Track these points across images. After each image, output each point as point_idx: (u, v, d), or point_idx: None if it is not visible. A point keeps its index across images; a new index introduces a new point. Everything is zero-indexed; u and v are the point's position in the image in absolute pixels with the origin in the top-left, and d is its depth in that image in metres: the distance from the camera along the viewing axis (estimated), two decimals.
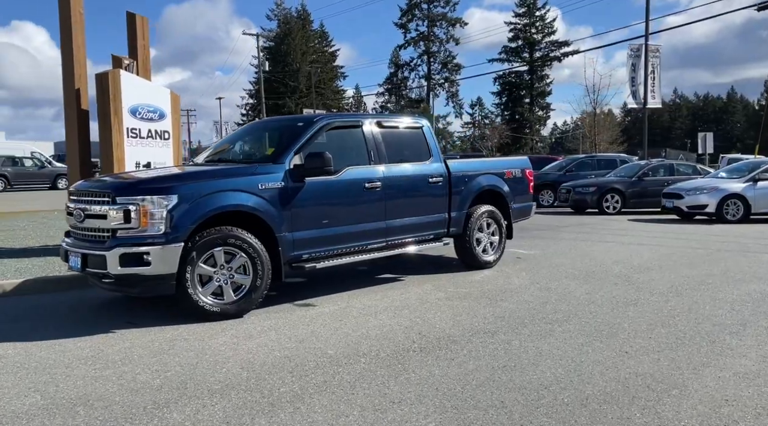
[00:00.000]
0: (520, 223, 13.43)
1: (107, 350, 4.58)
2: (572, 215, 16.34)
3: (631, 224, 13.69)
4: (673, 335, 4.86)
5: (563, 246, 10.04)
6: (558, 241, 10.63)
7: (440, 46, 63.63)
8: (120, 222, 5.14)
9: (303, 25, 66.96)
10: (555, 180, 18.66)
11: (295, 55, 63.04)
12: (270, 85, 62.69)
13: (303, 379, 3.92)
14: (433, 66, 64.08)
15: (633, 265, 8.06)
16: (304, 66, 62.87)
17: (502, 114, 68.53)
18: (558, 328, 5.08)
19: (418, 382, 3.87)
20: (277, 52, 64.91)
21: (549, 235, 11.66)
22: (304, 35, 66.00)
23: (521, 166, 8.47)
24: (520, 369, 4.10)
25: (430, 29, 63.04)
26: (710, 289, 6.59)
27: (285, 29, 65.58)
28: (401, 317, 5.49)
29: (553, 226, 13.45)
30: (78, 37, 8.68)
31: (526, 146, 63.35)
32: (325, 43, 71.51)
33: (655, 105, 27.72)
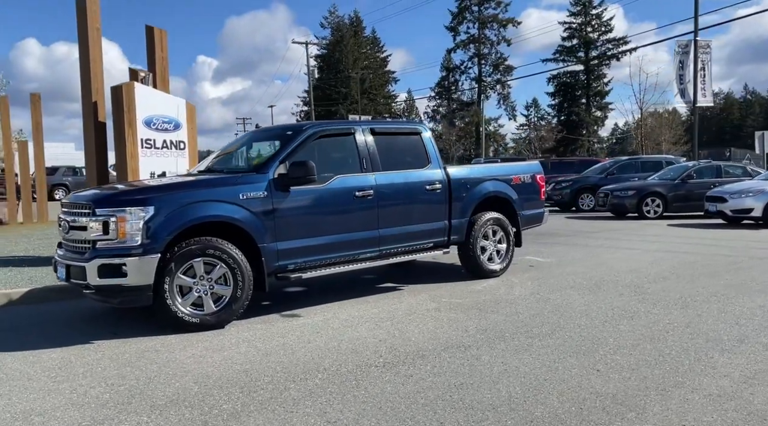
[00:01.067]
0: (545, 229, 13.14)
1: (76, 362, 4.64)
2: (610, 220, 15.78)
3: (668, 230, 13.11)
4: (657, 352, 4.58)
5: (584, 253, 9.68)
6: (580, 248, 10.27)
7: (491, 48, 63.03)
8: (99, 233, 5.22)
9: (355, 32, 67.52)
10: (595, 183, 18.09)
11: (346, 62, 63.57)
12: (323, 92, 63.51)
13: (250, 396, 3.86)
14: (484, 68, 63.53)
15: (649, 274, 7.68)
16: (356, 72, 63.36)
17: (558, 115, 67.17)
18: (537, 343, 4.86)
19: (364, 400, 3.75)
20: (329, 59, 65.68)
21: (574, 241, 11.28)
22: (356, 42, 66.52)
23: (531, 172, 8.20)
24: (476, 387, 3.93)
25: (481, 31, 62.45)
26: (721, 300, 6.20)
27: (337, 36, 66.27)
28: (380, 329, 5.37)
29: (584, 231, 13.02)
30: (95, 51, 8.95)
31: (581, 148, 61.85)
32: (376, 49, 71.87)
33: (706, 103, 26.52)
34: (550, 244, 10.90)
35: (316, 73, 54.93)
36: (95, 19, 8.92)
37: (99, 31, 8.99)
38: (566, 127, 63.83)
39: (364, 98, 63.48)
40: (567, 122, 64.15)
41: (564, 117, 65.20)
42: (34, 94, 16.38)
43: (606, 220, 15.86)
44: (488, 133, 62.59)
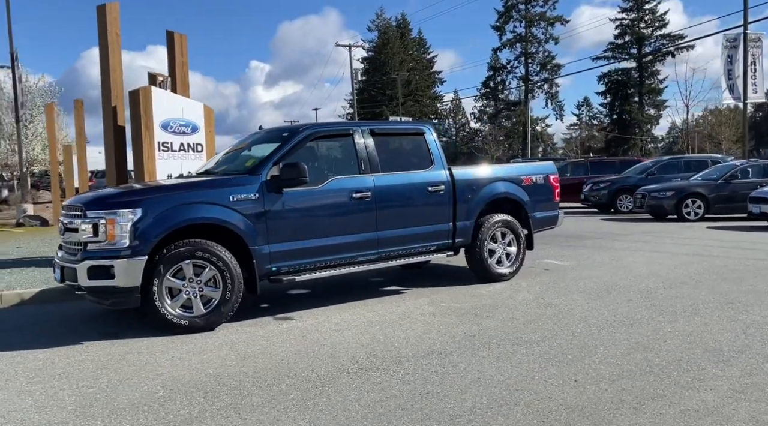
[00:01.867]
0: (573, 231, 12.81)
1: (58, 363, 4.70)
2: (647, 222, 15.23)
3: (705, 233, 12.54)
4: (646, 362, 4.33)
5: (607, 256, 9.33)
6: (605, 251, 9.91)
7: (538, 47, 61.91)
8: (90, 235, 5.29)
9: (401, 35, 67.50)
10: (634, 184, 17.48)
11: (392, 64, 63.57)
12: (368, 95, 63.74)
13: (211, 401, 3.82)
14: (531, 67, 62.40)
15: (668, 279, 7.33)
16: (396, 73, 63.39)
17: (609, 114, 65.50)
18: (522, 351, 4.68)
19: (322, 408, 3.66)
20: (375, 61, 65.85)
21: (601, 244, 10.91)
22: (402, 44, 66.49)
23: (543, 172, 7.94)
24: (442, 396, 3.79)
25: (528, 30, 61.43)
26: (736, 308, 5.85)
27: (384, 39, 66.41)
28: (367, 334, 5.27)
29: (614, 234, 12.59)
30: (114, 57, 9.14)
31: (633, 148, 60.13)
32: (423, 50, 71.66)
33: (757, 99, 25.32)
34: (574, 246, 10.58)
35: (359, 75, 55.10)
36: (115, 25, 9.11)
37: (118, 37, 9.18)
38: (618, 127, 62.17)
39: (409, 100, 63.37)
40: (619, 121, 62.44)
41: (615, 116, 63.51)
42: (77, 100, 16.91)
43: (643, 222, 15.31)
44: (535, 133, 61.59)
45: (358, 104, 65.01)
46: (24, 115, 30.62)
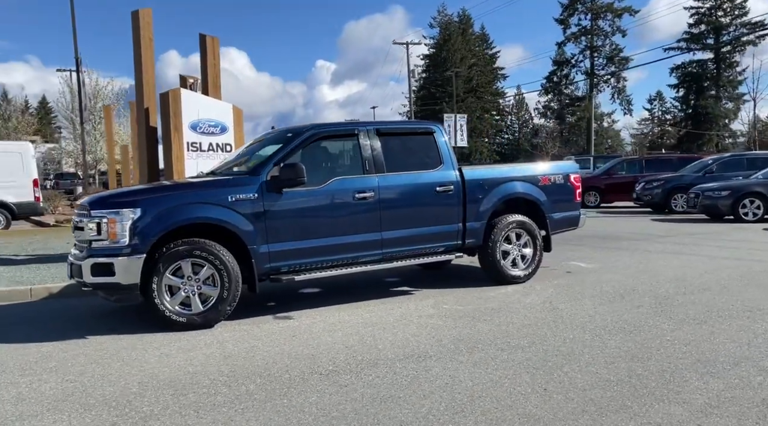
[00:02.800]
0: (611, 232, 12.40)
1: (55, 356, 4.91)
2: (700, 223, 14.54)
3: (759, 235, 11.88)
4: (627, 371, 4.15)
5: (636, 259, 8.98)
6: (638, 253, 9.53)
7: (605, 40, 59.87)
8: (94, 234, 5.51)
9: (463, 30, 66.88)
10: (690, 182, 16.70)
11: (453, 61, 63.10)
12: (428, 92, 63.52)
13: (176, 399, 3.90)
14: (596, 61, 60.45)
15: (692, 284, 6.99)
16: (454, 70, 62.85)
17: (683, 108, 62.86)
18: (503, 356, 4.57)
19: (278, 410, 3.69)
20: (436, 58, 65.54)
21: (637, 245, 10.49)
22: (464, 40, 65.87)
23: (563, 172, 7.71)
24: (402, 401, 3.75)
25: (594, 22, 59.54)
26: (752, 317, 5.53)
27: (445, 35, 66.00)
28: (356, 336, 5.26)
29: (656, 235, 12.08)
30: (147, 61, 9.47)
31: (709, 143, 57.46)
32: (485, 46, 70.81)
33: None
34: (607, 248, 10.23)
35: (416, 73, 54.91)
36: (147, 30, 9.43)
37: (151, 41, 9.50)
38: (692, 121, 59.58)
39: (470, 96, 62.74)
40: (693, 116, 59.80)
41: (690, 110, 60.83)
42: (132, 101, 17.63)
43: (696, 223, 14.62)
44: (600, 129, 59.77)
45: (419, 101, 64.96)
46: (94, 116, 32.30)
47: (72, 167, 43.47)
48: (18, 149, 16.87)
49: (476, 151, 62.63)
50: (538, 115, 67.82)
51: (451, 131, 34.16)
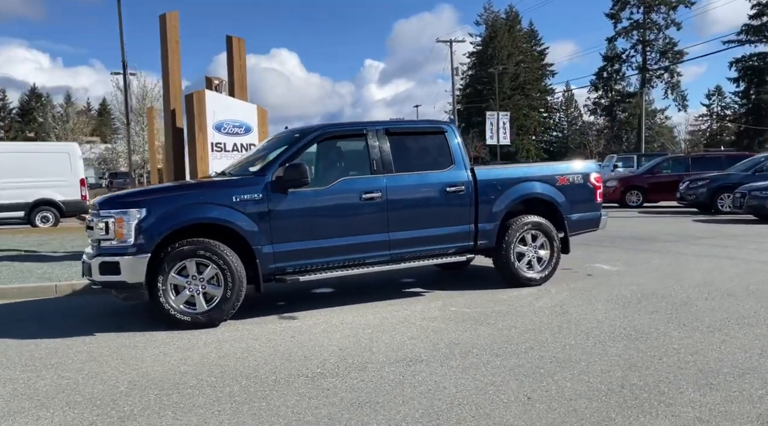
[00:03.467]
0: (646, 233, 11.99)
1: (59, 353, 5.03)
2: (746, 224, 13.91)
3: None
4: (621, 381, 3.98)
5: (666, 261, 8.65)
6: (668, 255, 9.18)
7: (658, 33, 58.00)
8: (103, 233, 5.62)
9: (510, 27, 66.02)
10: (738, 181, 15.98)
11: (500, 58, 62.36)
12: (474, 90, 62.94)
13: (159, 399, 3.93)
14: (649, 55, 58.65)
15: (718, 289, 6.69)
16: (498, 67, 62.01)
17: (744, 103, 60.46)
18: (496, 362, 4.45)
19: (254, 413, 3.66)
20: (482, 56, 64.90)
21: (670, 247, 10.11)
22: (511, 37, 65.01)
23: (582, 171, 7.47)
24: (380, 407, 3.69)
25: (647, 16, 57.76)
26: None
27: (491, 32, 65.29)
28: (353, 338, 5.22)
29: (695, 236, 11.62)
30: (174, 63, 9.64)
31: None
32: (533, 42, 69.76)
33: None
34: (638, 250, 9.89)
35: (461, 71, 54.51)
36: (174, 33, 9.60)
37: (177, 44, 9.67)
38: (753, 117, 57.21)
39: (517, 93, 61.88)
40: (754, 111, 57.43)
41: (750, 105, 58.43)
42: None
43: (742, 224, 14.00)
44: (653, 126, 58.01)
45: (465, 99, 64.48)
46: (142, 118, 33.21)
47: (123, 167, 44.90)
48: (66, 149, 17.50)
49: (523, 149, 61.76)
50: (588, 112, 66.38)
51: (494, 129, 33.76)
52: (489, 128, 36.91)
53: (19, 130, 71.89)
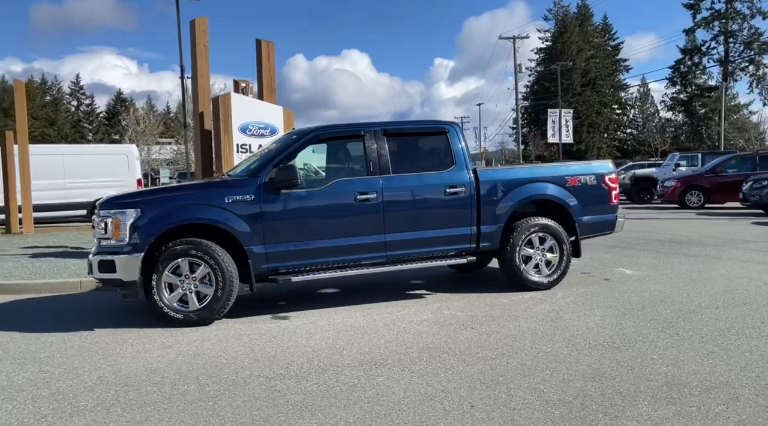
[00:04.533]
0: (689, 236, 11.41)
1: (54, 347, 5.25)
2: None
3: None
4: (576, 392, 3.82)
5: (696, 267, 8.20)
6: (702, 260, 8.70)
7: (742, 23, 54.82)
8: (103, 233, 5.88)
9: (581, 22, 64.15)
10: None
11: (569, 54, 60.71)
12: (542, 87, 61.54)
13: (117, 395, 4.03)
14: (731, 47, 55.55)
15: (735, 298, 6.30)
16: (579, 63, 60.22)
17: None
18: (460, 367, 4.36)
19: (195, 412, 3.72)
20: (551, 51, 63.40)
21: (708, 251, 9.59)
22: (581, 32, 63.14)
23: (595, 172, 7.17)
24: (312, 410, 3.67)
25: (729, 5, 54.69)
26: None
27: (561, 27, 63.67)
28: (331, 340, 5.22)
29: (742, 240, 10.97)
30: (202, 67, 9.93)
31: None
32: (607, 37, 67.50)
33: None
34: (672, 253, 9.42)
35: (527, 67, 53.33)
36: (203, 37, 9.90)
37: (206, 48, 9.96)
38: None
39: (587, 89, 60.03)
40: None
41: None
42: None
43: None
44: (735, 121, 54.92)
45: (532, 96, 63.13)
46: None
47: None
48: (124, 151, 18.37)
49: (593, 147, 59.88)
50: (665, 107, 63.62)
51: (556, 127, 32.88)
52: (551, 126, 35.97)
53: (105, 133, 75.79)
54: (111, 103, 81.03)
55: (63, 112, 77.81)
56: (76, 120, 79.36)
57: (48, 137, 72.36)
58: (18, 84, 14.50)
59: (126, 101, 77.19)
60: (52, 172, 16.98)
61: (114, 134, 75.17)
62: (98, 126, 79.53)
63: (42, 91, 78.07)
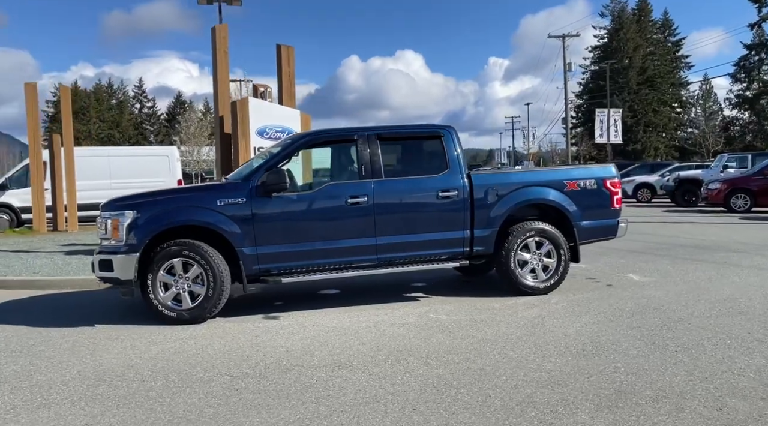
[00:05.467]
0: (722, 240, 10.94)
1: (53, 341, 5.52)
2: None
3: None
4: (520, 398, 3.82)
5: (708, 274, 7.94)
6: (718, 267, 8.42)
7: None
8: (103, 233, 6.19)
9: (639, 18, 62.28)
10: None
11: (625, 50, 59.08)
12: (596, 85, 60.09)
13: (84, 390, 4.22)
14: None
15: (734, 307, 6.11)
16: (636, 60, 58.48)
17: None
18: (419, 371, 4.41)
19: (149, 408, 3.88)
20: (606, 48, 61.84)
21: (728, 258, 9.25)
22: (639, 28, 61.31)
23: (596, 176, 7.04)
24: (258, 409, 3.79)
25: None
26: (750, 348, 4.75)
27: (617, 24, 62.01)
28: (308, 341, 5.32)
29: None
30: (222, 72, 10.23)
31: None
32: (667, 32, 65.34)
33: None
34: (690, 259, 9.14)
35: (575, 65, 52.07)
36: (223, 44, 10.19)
37: (226, 55, 10.25)
38: None
39: (644, 87, 58.25)
40: None
41: None
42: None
43: None
44: None
45: (586, 94, 61.69)
46: None
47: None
48: (165, 153, 19.05)
49: (650, 147, 58.10)
50: (729, 106, 61.02)
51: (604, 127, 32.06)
52: (598, 126, 35.10)
53: (165, 134, 78.40)
54: (171, 106, 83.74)
55: (127, 114, 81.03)
56: (139, 122, 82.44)
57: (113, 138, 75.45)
58: (64, 89, 15.27)
59: (185, 103, 79.56)
60: (99, 173, 17.74)
61: (174, 135, 77.78)
62: (159, 128, 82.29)
63: (108, 94, 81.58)
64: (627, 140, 58.53)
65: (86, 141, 66.39)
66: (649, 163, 29.57)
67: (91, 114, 75.30)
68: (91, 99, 77.41)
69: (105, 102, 79.31)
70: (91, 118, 75.12)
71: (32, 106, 14.60)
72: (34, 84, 14.79)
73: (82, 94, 75.82)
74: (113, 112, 79.32)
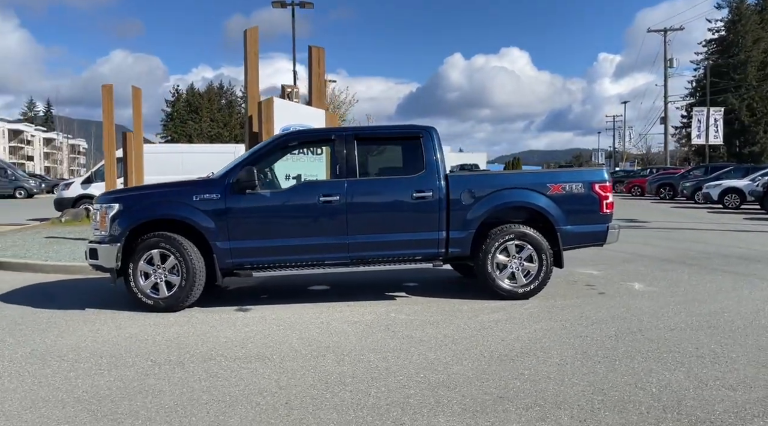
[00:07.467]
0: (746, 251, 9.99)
1: (40, 323, 5.95)
2: None
3: None
4: (403, 401, 3.81)
5: (716, 285, 7.42)
6: (733, 278, 7.82)
7: None
8: (95, 223, 6.67)
9: (761, 8, 57.63)
10: None
11: (743, 44, 54.94)
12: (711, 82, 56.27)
13: (35, 369, 4.62)
14: None
15: (717, 321, 5.72)
16: (756, 54, 54.16)
17: None
18: (326, 368, 4.48)
19: (69, 390, 4.22)
20: (722, 42, 57.74)
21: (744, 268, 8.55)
22: (760, 19, 56.72)
23: (583, 180, 6.71)
24: (155, 395, 4.01)
25: None
26: (702, 363, 4.41)
27: (735, 16, 57.72)
28: (253, 333, 5.49)
29: None
30: (252, 74, 10.59)
31: None
32: None
33: None
34: (706, 269, 8.55)
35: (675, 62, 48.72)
36: (254, 46, 10.55)
37: (256, 56, 10.60)
38: None
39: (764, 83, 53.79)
40: None
41: None
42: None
43: None
44: None
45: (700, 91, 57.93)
46: None
47: None
48: (232, 150, 19.88)
49: None
50: None
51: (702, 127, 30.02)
52: (695, 126, 32.78)
53: None
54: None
55: (235, 114, 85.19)
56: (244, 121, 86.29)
57: (221, 137, 79.47)
58: (135, 91, 16.31)
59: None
60: (173, 169, 18.82)
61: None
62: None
63: (219, 95, 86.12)
64: (744, 142, 54.38)
65: (198, 138, 70.38)
66: (743, 166, 27.37)
67: (203, 113, 79.68)
68: (204, 99, 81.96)
69: (215, 102, 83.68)
70: (203, 117, 79.49)
71: (108, 106, 15.74)
72: (110, 86, 15.91)
73: (197, 95, 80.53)
74: (223, 112, 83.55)
